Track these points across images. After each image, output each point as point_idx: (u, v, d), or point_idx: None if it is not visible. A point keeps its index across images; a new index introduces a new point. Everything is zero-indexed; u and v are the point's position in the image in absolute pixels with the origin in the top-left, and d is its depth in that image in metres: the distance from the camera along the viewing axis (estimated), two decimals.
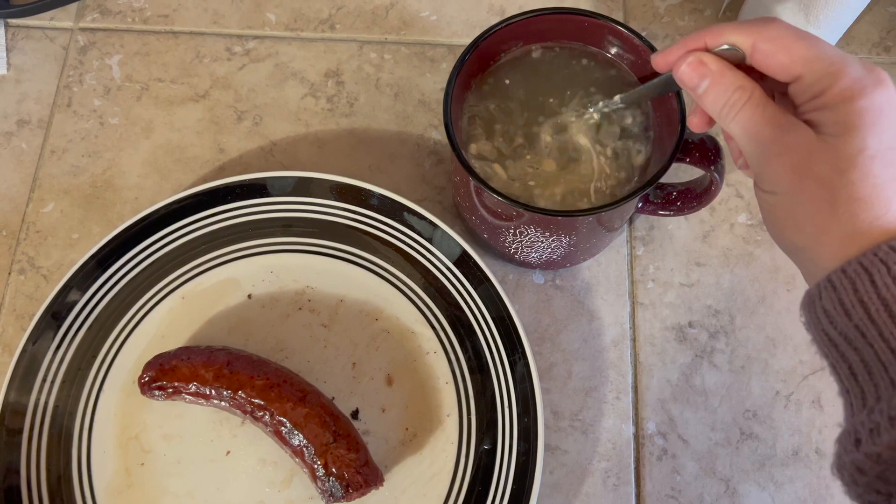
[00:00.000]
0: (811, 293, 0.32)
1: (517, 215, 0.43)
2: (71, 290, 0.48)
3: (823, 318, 0.31)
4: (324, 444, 0.42)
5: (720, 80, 0.34)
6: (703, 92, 0.35)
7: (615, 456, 0.48)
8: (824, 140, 0.31)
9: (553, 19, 0.45)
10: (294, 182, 0.51)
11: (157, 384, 0.44)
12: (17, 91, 0.57)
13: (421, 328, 0.49)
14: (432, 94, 0.57)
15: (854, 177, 0.30)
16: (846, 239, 0.31)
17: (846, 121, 0.31)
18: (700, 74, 0.34)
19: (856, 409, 0.30)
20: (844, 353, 0.30)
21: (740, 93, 0.33)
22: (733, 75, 0.34)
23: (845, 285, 0.30)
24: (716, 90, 0.34)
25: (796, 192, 0.32)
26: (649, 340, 0.50)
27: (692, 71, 0.35)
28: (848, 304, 0.30)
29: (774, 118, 0.33)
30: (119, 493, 0.46)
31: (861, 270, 0.29)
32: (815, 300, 0.31)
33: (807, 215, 0.32)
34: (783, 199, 0.33)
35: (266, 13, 0.60)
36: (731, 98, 0.34)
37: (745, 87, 0.33)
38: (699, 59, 0.34)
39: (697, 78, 0.35)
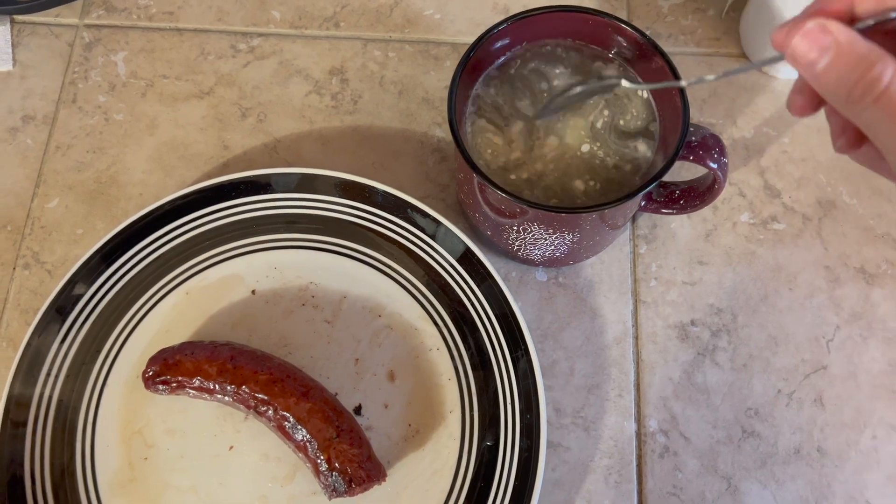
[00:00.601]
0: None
1: (521, 212, 0.43)
2: (75, 284, 0.48)
3: None
4: (327, 440, 0.42)
5: (849, 52, 0.26)
6: (823, 69, 0.26)
7: (617, 453, 0.48)
8: None
9: (557, 17, 0.46)
10: (298, 179, 0.51)
11: (160, 379, 0.44)
12: (23, 87, 0.57)
13: (424, 325, 0.49)
14: (436, 92, 0.57)
15: None
16: None
17: None
18: (822, 47, 0.26)
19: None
20: None
21: (879, 68, 0.25)
22: (868, 48, 0.25)
23: None
24: (840, 66, 0.26)
25: None
26: (651, 338, 0.50)
27: (810, 41, 0.26)
28: None
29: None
30: (122, 487, 0.46)
31: None
32: None
33: None
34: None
35: (270, 10, 0.60)
36: (865, 77, 0.25)
37: (887, 61, 0.25)
38: (821, 24, 0.26)
39: (816, 51, 0.26)
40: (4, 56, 0.58)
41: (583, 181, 0.44)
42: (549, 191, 0.44)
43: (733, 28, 0.59)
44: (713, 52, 0.58)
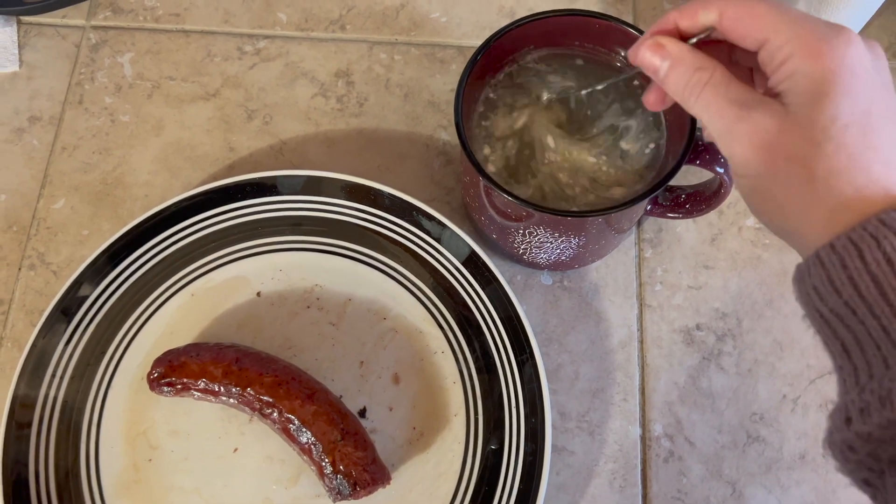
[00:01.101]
0: (801, 269, 0.31)
1: (527, 215, 0.43)
2: (81, 285, 0.48)
3: (814, 295, 0.30)
4: (332, 442, 0.42)
5: (680, 62, 0.33)
6: (665, 76, 0.33)
7: (622, 457, 0.48)
8: (794, 112, 0.30)
9: (563, 21, 0.46)
10: (304, 181, 0.51)
11: (165, 380, 0.44)
12: (29, 88, 0.57)
13: (429, 327, 0.49)
14: (442, 95, 0.57)
15: (829, 149, 0.29)
16: (831, 214, 0.29)
17: (816, 86, 0.29)
18: (660, 57, 0.33)
19: (848, 387, 0.29)
20: (836, 330, 0.29)
21: (700, 73, 0.32)
22: (693, 57, 0.33)
23: (833, 262, 0.28)
24: (676, 73, 0.33)
25: (770, 173, 0.30)
26: (657, 343, 0.50)
27: (652, 54, 0.34)
28: (837, 281, 0.28)
29: (739, 96, 0.31)
30: (126, 488, 0.46)
31: (850, 245, 0.28)
32: (804, 276, 0.30)
33: (785, 196, 0.30)
34: (758, 181, 0.31)
35: (277, 13, 0.60)
36: (691, 80, 0.32)
37: (706, 67, 0.32)
38: (657, 41, 0.33)
39: (658, 60, 0.33)
40: (11, 57, 0.58)
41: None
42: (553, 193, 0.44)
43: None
44: None
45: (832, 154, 0.29)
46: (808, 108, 0.29)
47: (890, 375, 0.27)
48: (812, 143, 0.29)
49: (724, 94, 0.32)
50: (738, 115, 0.31)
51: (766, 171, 0.30)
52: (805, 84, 0.29)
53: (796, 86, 0.30)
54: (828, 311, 0.29)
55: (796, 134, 0.29)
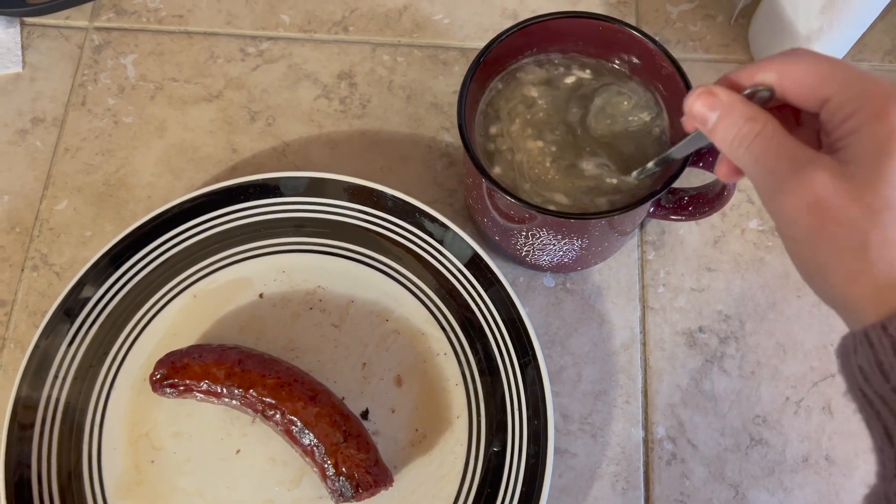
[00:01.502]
0: (846, 343, 0.29)
1: (529, 217, 0.43)
2: (84, 286, 0.48)
3: (858, 375, 0.28)
4: (334, 444, 0.42)
5: (731, 111, 0.31)
6: (714, 126, 0.32)
7: (624, 460, 0.48)
8: (851, 173, 0.27)
9: (567, 23, 0.46)
10: (306, 182, 0.51)
11: (168, 382, 0.44)
12: (32, 89, 0.58)
13: (431, 329, 0.49)
14: (444, 97, 0.57)
15: (887, 218, 0.27)
16: (881, 290, 0.27)
17: (879, 146, 0.27)
18: (710, 106, 0.32)
19: (888, 473, 0.27)
20: (880, 413, 0.28)
21: (752, 124, 0.31)
22: (745, 107, 0.31)
23: (884, 343, 0.27)
24: (726, 122, 0.32)
25: (818, 237, 0.28)
26: (659, 345, 0.50)
27: (702, 103, 0.32)
28: (887, 365, 0.27)
29: (791, 151, 0.29)
30: (129, 489, 0.46)
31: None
32: (850, 353, 0.29)
33: (833, 264, 0.28)
34: (804, 245, 0.29)
35: (280, 14, 0.60)
36: (742, 129, 0.31)
37: (758, 118, 0.31)
38: (708, 89, 0.32)
39: (708, 109, 0.32)
40: (14, 58, 0.58)
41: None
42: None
43: (742, 34, 0.59)
44: (722, 59, 0.58)
45: (889, 224, 0.27)
46: (867, 171, 0.27)
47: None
48: (868, 209, 0.27)
49: (776, 147, 0.30)
50: (790, 170, 0.29)
51: (814, 236, 0.28)
52: (868, 143, 0.28)
53: (858, 144, 0.28)
54: (872, 393, 0.28)
55: (851, 197, 0.27)
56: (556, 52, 0.47)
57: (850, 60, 0.58)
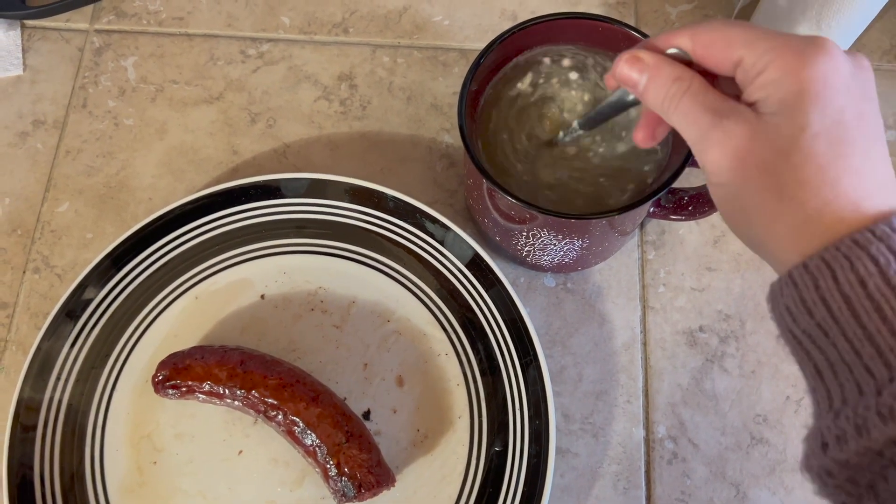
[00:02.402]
0: (773, 288, 0.30)
1: (530, 218, 0.43)
2: (86, 288, 0.48)
3: (786, 316, 0.29)
4: (336, 444, 0.43)
5: (658, 72, 0.32)
6: (644, 88, 0.33)
7: (626, 459, 0.48)
8: (765, 121, 0.29)
9: (566, 24, 0.46)
10: (307, 184, 0.51)
11: (170, 383, 0.44)
12: (33, 91, 0.58)
13: (432, 330, 0.49)
14: (444, 98, 0.57)
15: (797, 159, 0.28)
16: (799, 228, 0.29)
17: (787, 96, 0.29)
18: (638, 69, 0.33)
19: (822, 410, 0.29)
20: (809, 352, 0.29)
21: (679, 83, 0.32)
22: (671, 67, 0.32)
23: (807, 282, 0.28)
24: (655, 84, 0.33)
25: (739, 181, 0.30)
26: (660, 344, 0.50)
27: (629, 68, 0.33)
28: (810, 301, 0.28)
29: (714, 104, 0.31)
30: (131, 491, 0.46)
31: (823, 266, 0.27)
32: (777, 296, 0.30)
33: (754, 205, 0.30)
34: (728, 189, 0.31)
35: (280, 16, 0.60)
36: (670, 90, 0.32)
37: (684, 76, 0.32)
38: (634, 55, 0.33)
39: (636, 73, 0.33)
40: (15, 60, 0.58)
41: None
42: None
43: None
44: None
45: (800, 164, 0.28)
46: (778, 118, 0.29)
47: (864, 402, 0.26)
48: (780, 153, 0.29)
49: (701, 101, 0.31)
50: (712, 122, 0.31)
51: (736, 180, 0.30)
52: (778, 94, 0.29)
53: (770, 97, 0.29)
54: (800, 332, 0.29)
55: (766, 143, 0.29)
56: (555, 52, 0.47)
57: None
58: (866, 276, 0.27)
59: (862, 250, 0.27)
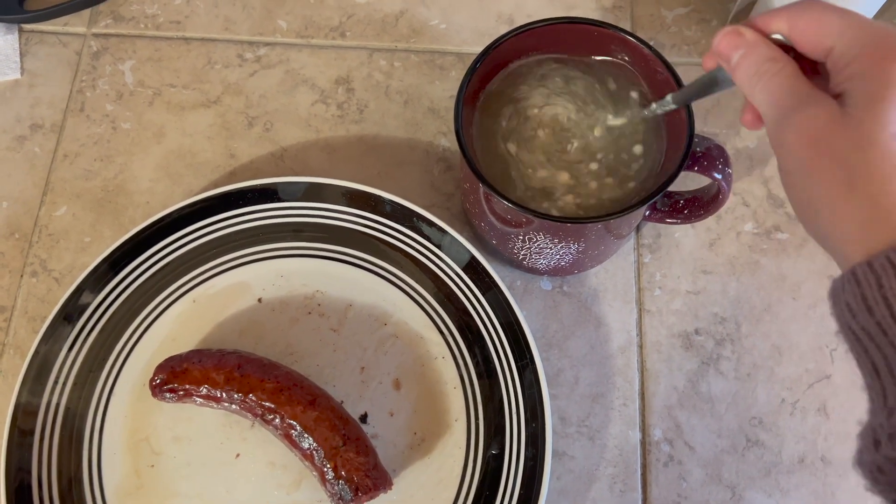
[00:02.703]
0: (836, 284, 0.30)
1: (527, 222, 0.44)
2: (83, 292, 0.48)
3: (846, 312, 0.29)
4: (333, 448, 0.43)
5: (754, 49, 0.33)
6: (737, 63, 0.33)
7: (622, 462, 0.48)
8: (847, 113, 0.29)
9: (563, 29, 0.46)
10: (305, 187, 0.51)
11: (168, 386, 0.45)
12: (31, 95, 0.58)
13: (429, 333, 0.49)
14: (441, 102, 0.57)
15: (873, 155, 0.28)
16: (866, 225, 0.29)
17: (871, 90, 0.28)
18: (735, 45, 0.33)
19: (876, 408, 0.28)
20: (867, 349, 0.29)
21: (771, 63, 0.32)
22: (768, 47, 0.33)
23: (869, 280, 0.28)
24: (748, 60, 0.33)
25: (812, 170, 0.30)
26: (656, 347, 0.51)
27: (728, 41, 0.34)
28: (871, 299, 0.28)
29: (801, 89, 0.31)
30: (129, 494, 0.46)
31: (887, 265, 0.27)
32: (839, 292, 0.30)
33: (823, 196, 0.30)
34: (799, 177, 0.30)
35: (277, 20, 0.60)
36: (762, 67, 0.32)
37: (778, 58, 0.32)
38: (736, 29, 0.34)
39: (733, 48, 0.33)
40: (12, 64, 0.58)
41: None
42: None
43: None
44: None
45: (876, 161, 0.28)
46: (860, 111, 0.29)
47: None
48: (857, 147, 0.28)
49: (789, 86, 0.31)
50: (794, 106, 0.31)
51: (808, 167, 0.30)
52: (863, 87, 0.29)
53: (855, 88, 0.29)
54: (860, 329, 0.29)
55: (844, 135, 0.29)
56: (551, 56, 0.48)
57: None
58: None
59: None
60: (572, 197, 0.45)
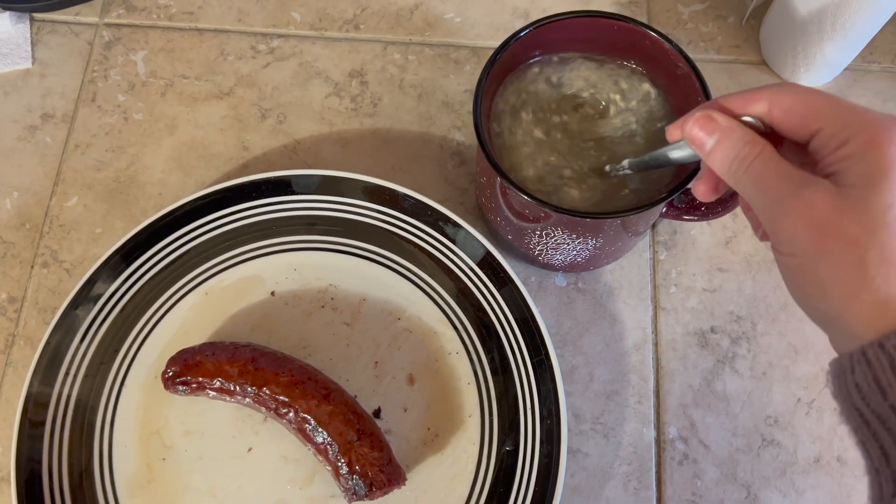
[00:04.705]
0: (842, 363, 0.29)
1: (544, 216, 0.43)
2: (95, 283, 0.48)
3: (855, 394, 0.29)
4: (348, 442, 0.42)
5: (730, 134, 0.32)
6: (712, 149, 0.33)
7: (636, 460, 0.48)
8: (848, 194, 0.29)
9: (580, 22, 0.46)
10: (319, 181, 0.51)
11: (181, 379, 0.44)
12: (42, 85, 0.57)
13: (443, 328, 0.49)
14: (456, 96, 0.57)
15: (884, 236, 0.28)
16: (879, 306, 0.28)
17: (873, 170, 0.28)
18: (709, 130, 0.33)
19: (885, 493, 0.28)
20: (876, 433, 0.28)
21: (750, 147, 0.31)
22: (744, 131, 0.32)
23: (882, 362, 0.27)
24: (724, 146, 0.32)
25: (819, 253, 0.29)
26: (671, 345, 0.50)
27: (700, 128, 0.33)
28: (885, 382, 0.27)
29: (789, 173, 0.30)
30: (140, 488, 0.46)
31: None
32: (846, 372, 0.29)
33: (833, 279, 0.29)
34: (805, 261, 0.30)
35: (291, 12, 0.60)
36: (740, 153, 0.32)
37: (756, 141, 0.32)
38: (707, 114, 0.33)
39: (706, 134, 0.33)
40: (24, 54, 0.58)
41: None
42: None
43: (753, 35, 0.59)
44: (733, 59, 0.58)
45: (886, 241, 0.28)
46: (863, 191, 0.28)
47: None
48: (866, 228, 0.28)
49: (774, 169, 0.31)
50: (790, 191, 0.30)
51: (815, 252, 0.29)
52: (861, 168, 0.29)
53: (851, 169, 0.29)
54: (869, 413, 0.28)
55: (850, 216, 0.28)
56: (568, 50, 0.47)
57: (860, 62, 0.58)
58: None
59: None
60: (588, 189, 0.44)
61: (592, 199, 0.44)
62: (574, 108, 0.46)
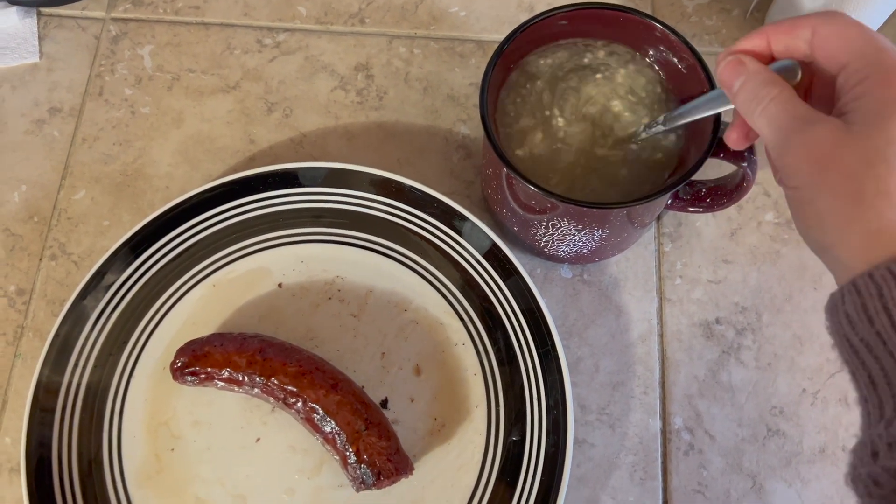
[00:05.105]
0: (834, 296, 0.31)
1: (551, 207, 0.43)
2: (104, 275, 0.48)
3: (845, 323, 0.30)
4: (356, 432, 0.43)
5: (755, 77, 0.34)
6: (738, 90, 0.34)
7: (642, 450, 0.48)
8: (853, 130, 0.30)
9: (584, 14, 0.46)
10: (325, 173, 0.51)
11: (189, 370, 0.44)
12: (49, 79, 0.58)
13: (450, 319, 0.49)
14: (461, 89, 0.57)
15: (881, 170, 0.29)
16: (871, 237, 0.29)
17: (880, 108, 0.29)
18: (737, 73, 0.34)
19: (873, 420, 0.29)
20: (864, 361, 0.29)
21: (770, 87, 0.33)
22: (768, 73, 0.34)
23: (871, 290, 0.28)
24: (749, 86, 0.34)
25: (818, 184, 0.30)
26: (676, 336, 0.51)
27: (730, 71, 0.35)
28: (872, 309, 0.28)
29: (802, 112, 0.32)
30: (149, 478, 0.46)
31: (888, 276, 0.28)
32: (837, 304, 0.30)
33: (829, 209, 0.30)
34: (805, 192, 0.31)
35: (296, 6, 0.60)
36: (760, 91, 0.33)
37: (777, 83, 0.33)
38: (738, 59, 0.34)
39: (735, 76, 0.34)
40: (31, 48, 0.58)
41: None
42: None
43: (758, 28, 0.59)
44: None
45: (883, 175, 0.29)
46: (868, 128, 0.29)
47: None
48: (865, 162, 0.29)
49: (788, 108, 0.32)
50: (797, 127, 0.31)
51: (814, 182, 0.30)
52: (871, 106, 0.30)
53: (862, 107, 0.30)
54: (858, 341, 0.29)
55: (851, 150, 0.29)
56: (572, 42, 0.47)
57: None
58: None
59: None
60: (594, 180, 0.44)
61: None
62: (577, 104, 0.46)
